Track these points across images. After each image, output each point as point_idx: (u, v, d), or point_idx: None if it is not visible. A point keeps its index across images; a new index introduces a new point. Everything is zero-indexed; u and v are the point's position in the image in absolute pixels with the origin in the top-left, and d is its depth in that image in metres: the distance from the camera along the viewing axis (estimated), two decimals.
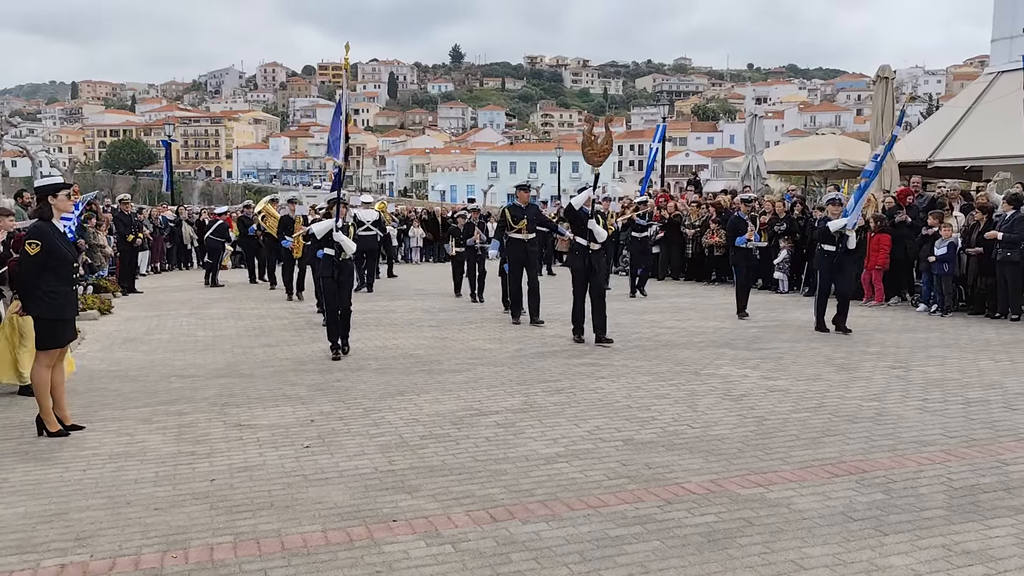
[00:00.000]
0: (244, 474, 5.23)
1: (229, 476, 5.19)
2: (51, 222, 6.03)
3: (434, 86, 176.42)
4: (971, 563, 3.85)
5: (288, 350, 9.71)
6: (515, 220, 11.56)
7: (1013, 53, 18.49)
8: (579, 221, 9.77)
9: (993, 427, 6.11)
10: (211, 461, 5.50)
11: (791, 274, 15.68)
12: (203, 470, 5.31)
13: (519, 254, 11.57)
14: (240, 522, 4.46)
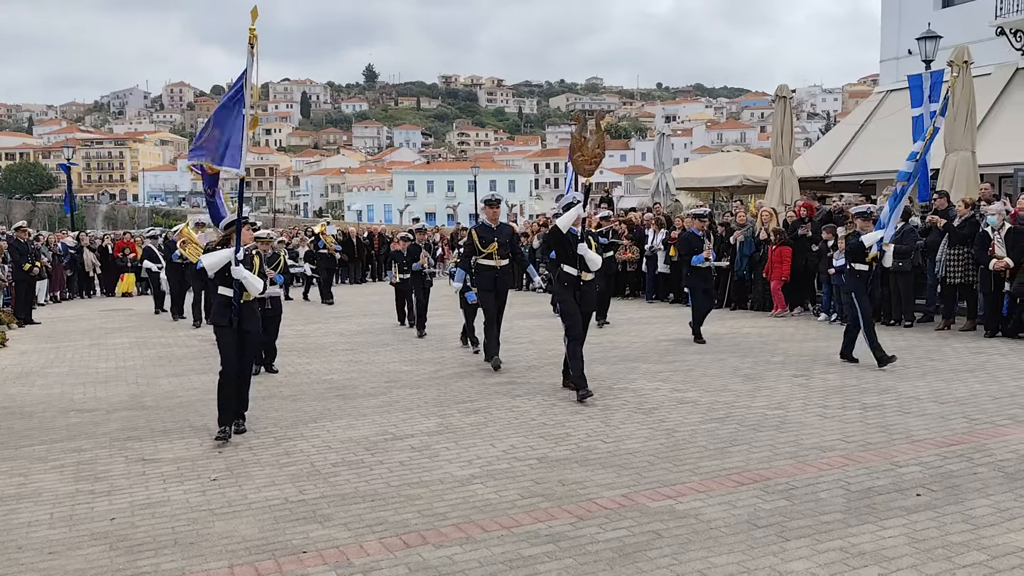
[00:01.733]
0: (146, 511, 5.05)
1: (130, 514, 5.00)
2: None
3: (348, 105, 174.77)
4: (866, 564, 4.02)
5: (196, 379, 9.43)
6: (484, 243, 9.60)
7: (900, 73, 19.53)
8: (566, 245, 8.01)
9: (888, 431, 6.39)
10: (111, 499, 5.29)
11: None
12: (102, 509, 5.11)
13: (488, 283, 9.58)
14: (141, 562, 4.30)
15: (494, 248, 9.56)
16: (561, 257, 8.12)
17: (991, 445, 5.90)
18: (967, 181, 14.12)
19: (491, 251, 9.57)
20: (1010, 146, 15.71)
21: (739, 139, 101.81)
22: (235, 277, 6.61)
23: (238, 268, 6.63)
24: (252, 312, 6.88)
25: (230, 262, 6.64)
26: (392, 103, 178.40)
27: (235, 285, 6.66)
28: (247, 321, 6.80)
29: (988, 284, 10.72)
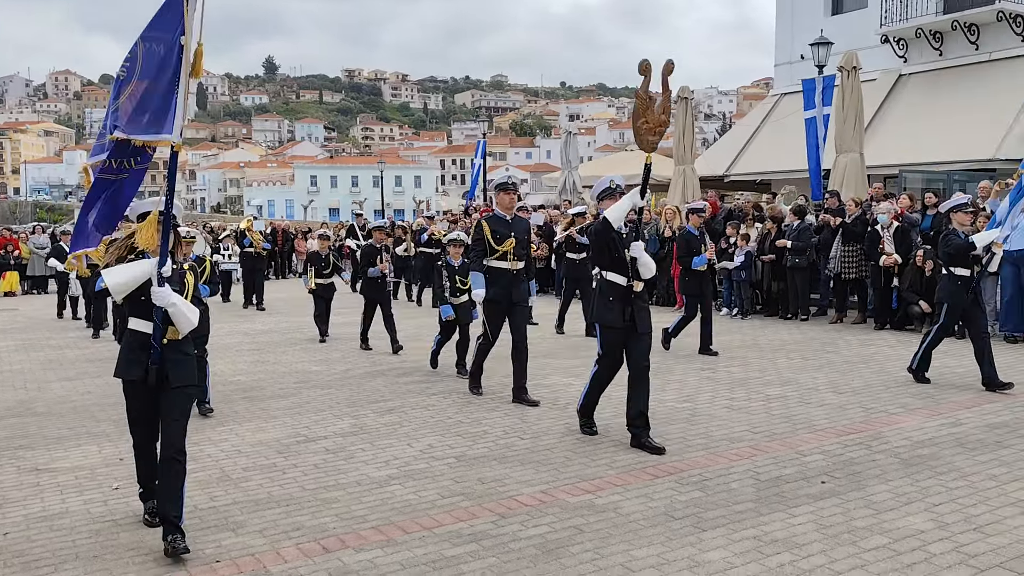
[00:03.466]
0: (43, 524, 4.77)
1: (25, 527, 4.71)
2: None
3: (247, 98, 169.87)
4: (779, 551, 4.17)
5: (91, 383, 8.97)
6: (498, 239, 7.48)
7: (793, 77, 20.36)
8: (613, 247, 6.06)
9: (791, 421, 6.66)
10: (3, 512, 4.97)
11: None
12: None
13: (502, 293, 7.46)
14: None
15: (510, 246, 7.49)
16: (603, 262, 6.17)
17: (887, 433, 6.22)
18: (856, 181, 14.86)
19: (506, 249, 7.48)
20: (895, 149, 16.63)
21: None
22: (157, 304, 4.35)
23: (162, 290, 4.35)
24: (181, 357, 4.51)
25: (148, 281, 4.38)
26: (293, 96, 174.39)
27: (156, 316, 4.38)
28: (174, 370, 4.44)
29: (879, 279, 11.31)
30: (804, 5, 21.08)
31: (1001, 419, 6.55)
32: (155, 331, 4.43)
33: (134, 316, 4.52)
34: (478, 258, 7.58)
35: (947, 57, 18.32)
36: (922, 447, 5.86)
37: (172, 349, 4.47)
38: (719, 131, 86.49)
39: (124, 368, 4.53)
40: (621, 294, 6.08)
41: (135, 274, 4.38)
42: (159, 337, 4.43)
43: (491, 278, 7.49)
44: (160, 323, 4.40)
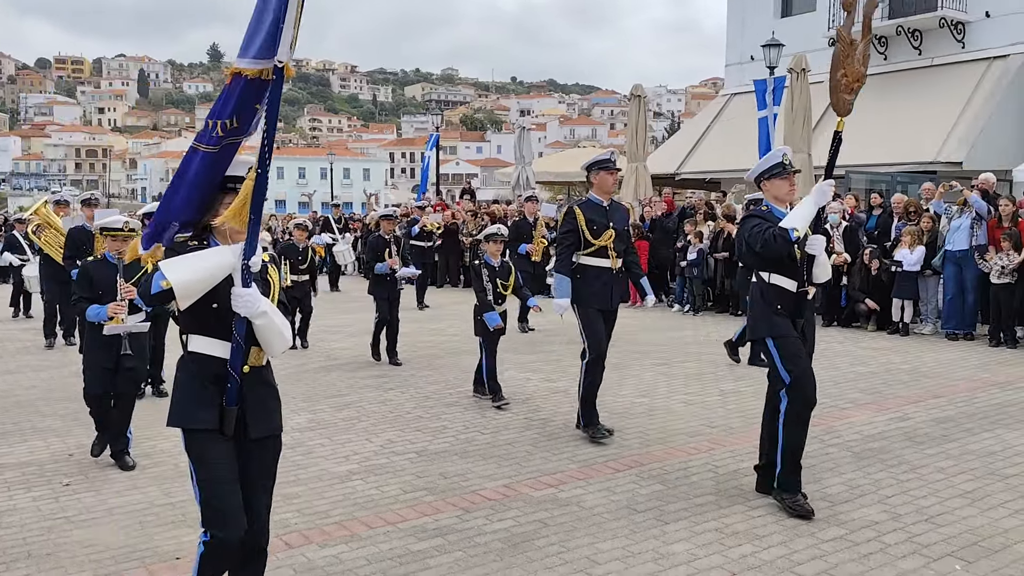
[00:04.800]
0: None
1: None
2: None
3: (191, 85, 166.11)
4: (740, 543, 4.25)
5: (34, 376, 8.69)
6: (595, 231, 6.09)
7: (744, 78, 20.72)
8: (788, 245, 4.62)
9: (746, 416, 6.78)
10: None
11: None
12: None
13: (600, 298, 6.12)
14: None
15: (609, 239, 6.11)
16: (766, 262, 4.78)
17: (838, 427, 6.38)
18: (804, 181, 15.18)
19: (605, 243, 6.11)
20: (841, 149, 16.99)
21: (591, 135, 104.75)
22: (241, 313, 3.00)
23: (250, 293, 3.00)
24: (265, 391, 3.23)
25: (231, 277, 3.03)
26: None
27: (238, 331, 3.04)
28: (258, 413, 3.18)
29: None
30: (755, 8, 21.45)
31: (946, 414, 6.77)
32: (235, 355, 3.04)
33: (199, 333, 3.10)
34: (567, 256, 6.09)
35: (892, 61, 18.83)
36: (872, 441, 6.02)
37: (254, 380, 3.11)
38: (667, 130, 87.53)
39: (188, 412, 3.07)
40: (792, 303, 4.76)
41: (211, 268, 2.98)
42: (239, 364, 3.05)
43: (585, 279, 6.07)
44: (243, 342, 3.03)
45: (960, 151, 16.03)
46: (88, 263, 5.82)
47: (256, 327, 3.04)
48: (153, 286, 2.97)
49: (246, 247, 3.02)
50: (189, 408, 3.09)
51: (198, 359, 3.11)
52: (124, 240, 5.65)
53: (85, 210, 9.19)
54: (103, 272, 5.67)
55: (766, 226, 4.60)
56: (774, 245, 4.54)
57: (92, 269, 5.72)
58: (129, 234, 5.70)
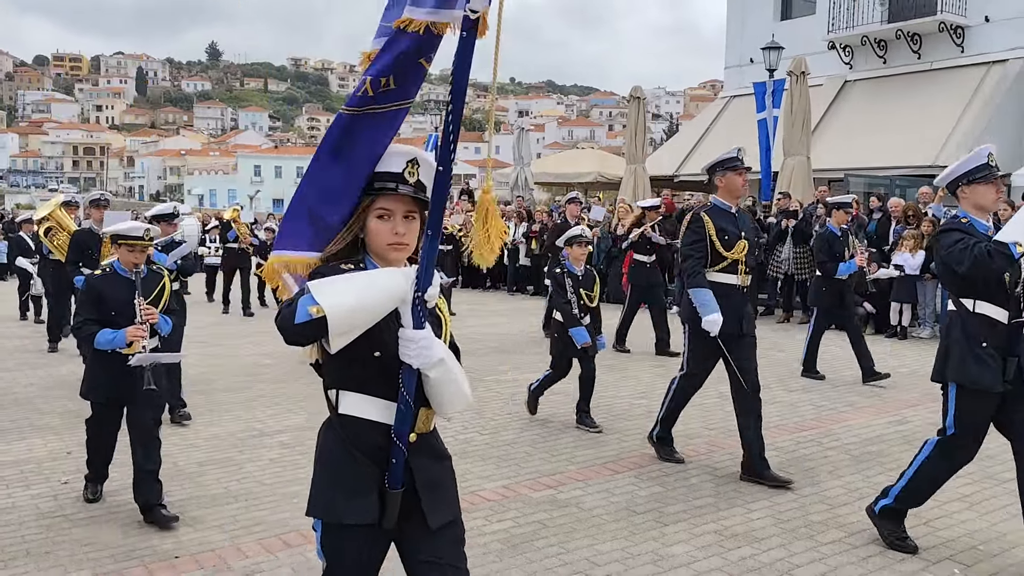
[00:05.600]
0: None
1: None
2: None
3: (189, 84, 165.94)
4: (739, 545, 4.26)
5: (32, 374, 8.68)
6: (727, 242, 5.29)
7: (743, 80, 20.75)
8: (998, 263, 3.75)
9: None
10: None
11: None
12: None
13: (731, 321, 5.21)
14: None
15: (742, 252, 5.30)
16: (971, 287, 3.95)
17: (837, 430, 6.39)
18: (802, 184, 15.22)
19: (737, 257, 5.30)
20: (840, 153, 17.07)
21: (589, 136, 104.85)
22: (413, 363, 2.19)
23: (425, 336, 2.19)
24: (439, 464, 2.43)
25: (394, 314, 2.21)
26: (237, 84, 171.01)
27: (406, 387, 2.23)
28: (435, 494, 2.36)
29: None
30: (754, 10, 21.48)
31: None
32: (401, 420, 2.24)
33: (352, 389, 2.29)
34: (699, 269, 5.27)
35: (891, 65, 18.87)
36: (871, 444, 6.04)
37: (423, 451, 2.33)
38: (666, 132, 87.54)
39: (336, 501, 2.27)
40: (1002, 336, 3.92)
41: (378, 296, 2.15)
42: (407, 430, 2.25)
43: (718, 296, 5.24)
44: (412, 401, 2.23)
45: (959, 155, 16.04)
46: (95, 278, 4.73)
47: (429, 381, 2.22)
48: (298, 313, 2.08)
49: (419, 274, 2.15)
50: (337, 494, 2.26)
51: (351, 425, 2.28)
52: (142, 251, 4.73)
53: (93, 211, 8.36)
54: (115, 289, 4.65)
55: (973, 241, 3.79)
56: (988, 263, 3.69)
57: (101, 285, 4.66)
58: (149, 244, 4.82)
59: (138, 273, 4.69)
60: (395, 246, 2.29)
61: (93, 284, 4.71)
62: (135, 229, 4.75)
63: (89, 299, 4.66)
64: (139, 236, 4.70)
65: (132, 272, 4.69)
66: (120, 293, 4.65)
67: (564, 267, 6.52)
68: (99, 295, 4.63)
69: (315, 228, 2.33)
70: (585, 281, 6.51)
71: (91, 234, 7.94)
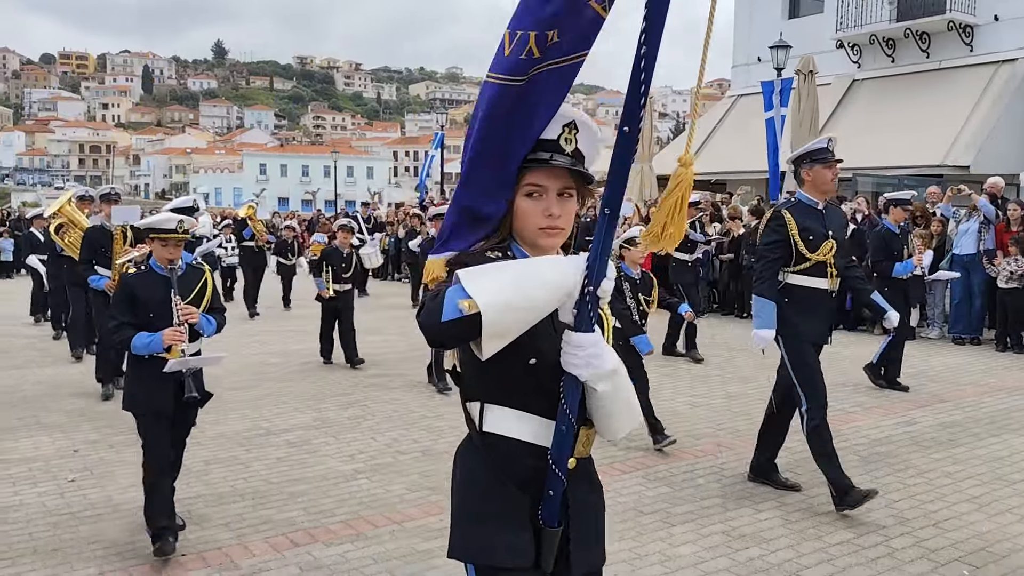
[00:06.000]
0: None
1: None
2: None
3: (195, 82, 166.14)
4: (747, 546, 4.24)
5: (40, 372, 8.70)
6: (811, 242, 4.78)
7: (750, 79, 20.68)
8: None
9: (752, 419, 6.75)
10: None
11: None
12: None
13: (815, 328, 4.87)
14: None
15: (829, 252, 4.79)
16: None
17: (845, 431, 6.35)
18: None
19: (823, 257, 4.78)
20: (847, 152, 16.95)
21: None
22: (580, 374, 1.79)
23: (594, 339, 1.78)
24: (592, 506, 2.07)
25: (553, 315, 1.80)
26: (243, 82, 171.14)
27: (569, 402, 1.84)
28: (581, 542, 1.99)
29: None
30: (762, 9, 21.40)
31: (953, 418, 6.75)
32: (561, 442, 1.88)
33: (500, 402, 1.94)
34: (772, 273, 4.80)
35: (899, 64, 18.79)
36: (879, 445, 6.01)
37: (580, 481, 2.00)
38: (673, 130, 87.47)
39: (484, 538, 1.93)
40: None
41: (541, 290, 1.75)
42: (566, 455, 1.89)
43: (796, 304, 4.78)
44: (575, 420, 1.87)
45: (967, 155, 15.99)
46: (129, 277, 4.28)
47: (596, 396, 1.85)
48: (445, 309, 1.71)
49: (591, 262, 1.75)
50: (485, 531, 1.91)
51: (500, 446, 1.93)
52: (176, 245, 4.29)
53: (104, 206, 7.85)
54: (151, 288, 4.23)
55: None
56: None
57: (135, 284, 4.23)
58: (183, 237, 4.33)
59: (174, 270, 4.27)
60: (548, 231, 1.89)
61: (127, 283, 4.27)
62: (167, 221, 4.30)
63: (123, 300, 4.23)
64: (172, 229, 4.25)
65: (167, 269, 4.27)
66: (157, 292, 4.22)
67: (622, 271, 5.94)
68: (133, 295, 4.21)
69: (475, 223, 1.96)
70: (643, 285, 6.03)
71: (103, 231, 7.55)
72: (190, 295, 4.32)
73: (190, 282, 4.35)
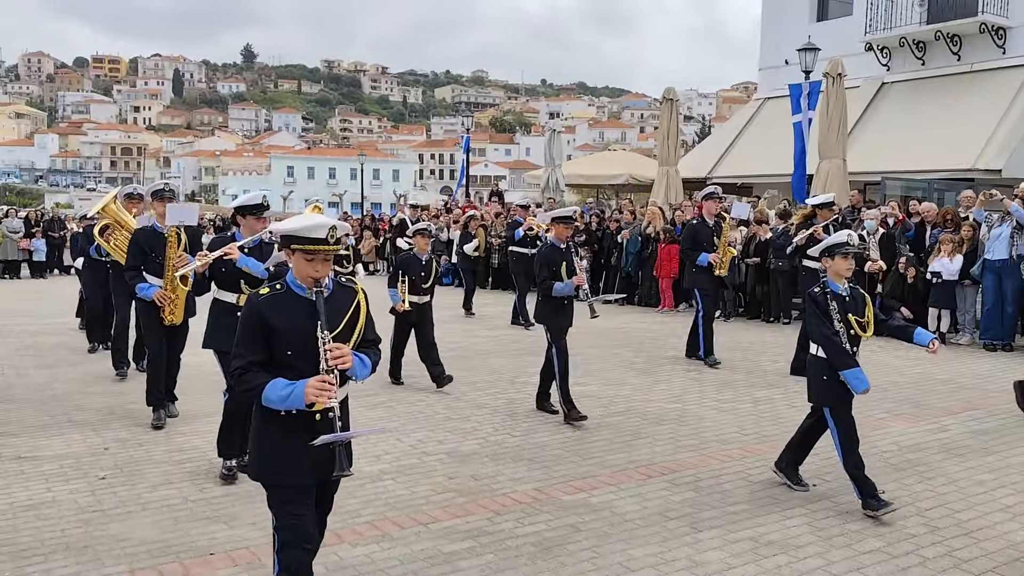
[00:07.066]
0: (30, 513, 4.68)
1: (12, 516, 4.62)
2: None
3: (224, 85, 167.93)
4: (775, 552, 4.19)
5: (70, 371, 8.82)
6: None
7: (778, 82, 20.52)
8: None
9: (779, 423, 6.69)
10: None
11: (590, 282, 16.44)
12: None
13: None
14: (30, 568, 3.98)
15: None
16: None
17: (874, 437, 6.28)
18: (838, 187, 15.00)
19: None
20: (876, 156, 16.80)
21: (620, 138, 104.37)
22: None
23: None
24: None
25: None
26: (271, 85, 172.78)
27: None
28: None
29: (863, 285, 11.40)
30: (790, 12, 21.23)
31: (986, 426, 6.64)
32: None
33: None
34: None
35: (929, 67, 18.55)
36: (910, 452, 5.92)
37: None
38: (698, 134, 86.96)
39: None
40: None
41: None
42: None
43: None
44: None
45: (999, 158, 15.74)
46: (259, 300, 3.20)
47: None
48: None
49: None
50: None
51: None
52: (326, 260, 3.18)
53: (156, 204, 6.78)
54: (289, 315, 3.17)
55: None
56: None
57: (267, 310, 3.17)
58: (335, 249, 3.18)
59: (320, 292, 3.17)
60: None
61: (257, 308, 3.18)
62: (316, 228, 3.14)
63: (252, 331, 3.16)
64: (322, 239, 3.13)
65: (312, 291, 3.19)
66: (297, 320, 3.16)
67: (827, 287, 4.86)
68: (265, 325, 3.15)
69: None
70: (854, 304, 4.86)
71: (153, 233, 6.61)
72: (340, 324, 3.23)
73: (340, 306, 3.25)
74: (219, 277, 5.54)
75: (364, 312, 3.35)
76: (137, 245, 6.67)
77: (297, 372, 3.12)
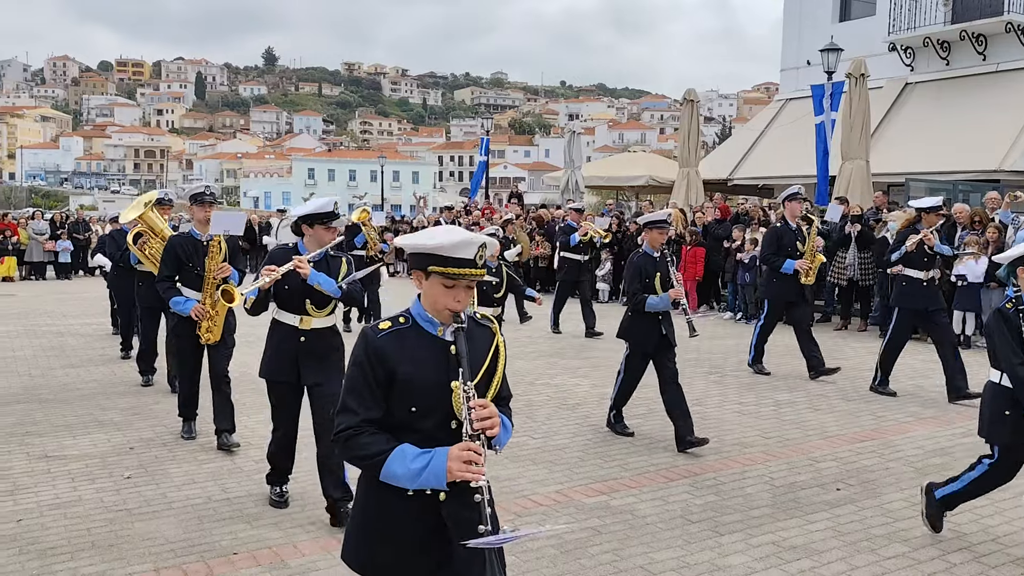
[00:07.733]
0: (56, 511, 4.74)
1: (39, 515, 4.69)
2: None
3: (246, 88, 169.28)
4: (799, 557, 4.16)
5: (95, 371, 8.92)
6: None
7: (800, 83, 20.37)
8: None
9: (802, 427, 6.65)
10: (15, 499, 4.94)
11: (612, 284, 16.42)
12: (7, 510, 4.76)
13: None
14: (57, 566, 4.03)
15: None
16: None
17: (898, 441, 6.22)
18: (861, 188, 14.88)
19: None
20: (900, 157, 16.64)
21: (640, 139, 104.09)
22: None
23: None
24: None
25: None
26: (292, 88, 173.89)
27: None
28: None
29: (887, 287, 11.29)
30: (812, 12, 21.07)
31: None
32: None
33: None
34: None
35: (954, 67, 18.33)
36: (934, 456, 5.86)
37: None
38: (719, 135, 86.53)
39: None
40: None
41: None
42: None
43: None
44: None
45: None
46: (380, 336, 2.39)
47: None
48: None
49: None
50: None
51: None
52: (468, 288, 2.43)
53: (196, 210, 6.02)
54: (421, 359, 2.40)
55: None
56: None
57: (392, 350, 2.38)
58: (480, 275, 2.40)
59: (460, 329, 2.38)
60: None
61: (377, 349, 2.38)
62: (464, 246, 2.37)
63: (368, 379, 2.37)
64: (469, 259, 2.37)
65: (451, 327, 2.41)
66: (428, 367, 2.39)
67: (1020, 301, 4.06)
68: (389, 370, 2.37)
69: None
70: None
71: (191, 240, 6.02)
72: (479, 370, 2.42)
73: (480, 348, 2.47)
74: (280, 295, 4.69)
75: (503, 360, 2.54)
76: (171, 254, 5.99)
77: (422, 436, 2.35)
